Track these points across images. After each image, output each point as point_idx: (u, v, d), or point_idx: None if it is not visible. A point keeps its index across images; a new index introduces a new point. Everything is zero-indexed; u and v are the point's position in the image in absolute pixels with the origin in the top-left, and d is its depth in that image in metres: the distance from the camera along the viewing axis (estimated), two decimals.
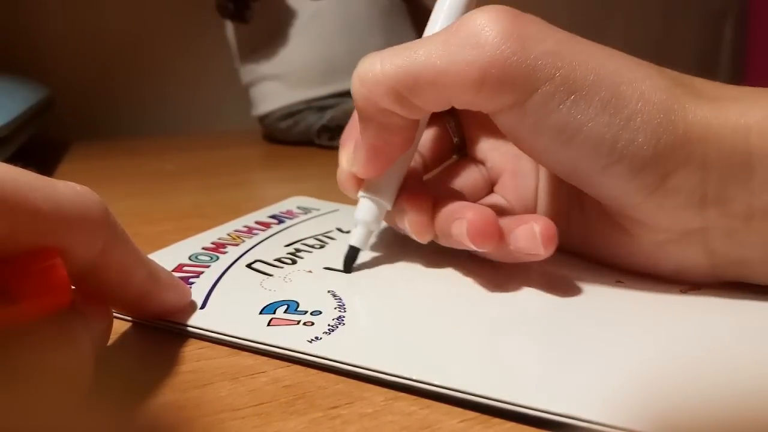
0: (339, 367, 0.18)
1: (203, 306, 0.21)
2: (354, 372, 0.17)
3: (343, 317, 0.20)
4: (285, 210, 0.33)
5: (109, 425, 0.14)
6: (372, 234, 0.25)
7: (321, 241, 0.28)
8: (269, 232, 0.29)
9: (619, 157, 0.19)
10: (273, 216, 0.31)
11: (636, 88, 0.19)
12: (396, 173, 0.24)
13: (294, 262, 0.25)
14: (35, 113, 0.48)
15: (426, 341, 0.19)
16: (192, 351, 0.19)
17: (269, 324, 0.20)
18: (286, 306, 0.21)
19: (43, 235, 0.14)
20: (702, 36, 1.06)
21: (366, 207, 0.24)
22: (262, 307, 0.21)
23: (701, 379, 0.16)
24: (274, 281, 0.23)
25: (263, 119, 0.62)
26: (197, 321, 0.20)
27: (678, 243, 0.21)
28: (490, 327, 0.20)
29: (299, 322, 0.20)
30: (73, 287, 0.16)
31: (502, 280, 0.23)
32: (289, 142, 0.61)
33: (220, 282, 0.23)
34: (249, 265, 0.25)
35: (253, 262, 0.25)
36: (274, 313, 0.20)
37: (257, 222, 0.30)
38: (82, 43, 0.67)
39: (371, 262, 0.25)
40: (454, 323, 0.20)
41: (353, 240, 0.24)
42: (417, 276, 0.24)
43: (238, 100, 0.65)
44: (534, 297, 0.22)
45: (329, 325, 0.19)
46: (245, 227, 0.29)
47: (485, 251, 0.22)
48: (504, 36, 0.19)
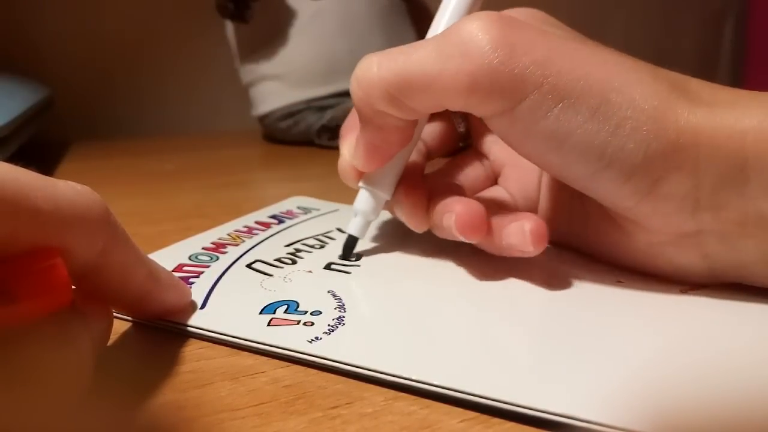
0: (339, 367, 0.18)
1: (203, 306, 0.21)
2: (354, 372, 0.17)
3: (343, 317, 0.20)
4: (285, 210, 0.33)
5: (109, 425, 0.14)
6: (370, 224, 0.26)
7: (321, 241, 0.28)
8: (269, 232, 0.29)
9: (609, 163, 0.19)
10: (273, 216, 0.31)
11: (626, 94, 0.19)
12: (395, 167, 0.25)
13: (294, 262, 0.25)
14: (35, 113, 0.48)
15: (426, 341, 0.19)
16: (192, 351, 0.19)
17: (269, 324, 0.20)
18: (286, 306, 0.21)
19: (44, 235, 0.14)
20: (702, 36, 1.06)
21: (365, 198, 0.25)
22: (262, 307, 0.21)
23: (701, 380, 0.16)
24: (274, 281, 0.23)
25: (263, 119, 0.62)
26: (197, 321, 0.20)
27: (674, 245, 0.21)
28: (490, 327, 0.20)
29: (299, 322, 0.20)
30: (74, 287, 0.16)
31: (502, 280, 0.23)
32: (289, 142, 0.61)
33: (220, 282, 0.23)
34: (249, 265, 0.25)
35: (253, 262, 0.25)
36: (274, 313, 0.20)
37: (257, 222, 0.30)
38: (82, 43, 0.67)
39: (371, 261, 0.25)
40: (454, 323, 0.20)
41: (352, 229, 0.25)
42: (417, 275, 0.24)
43: (238, 100, 0.65)
44: (534, 297, 0.22)
45: (329, 325, 0.19)
46: (245, 227, 0.29)
47: (475, 243, 0.23)
48: (494, 44, 0.19)
